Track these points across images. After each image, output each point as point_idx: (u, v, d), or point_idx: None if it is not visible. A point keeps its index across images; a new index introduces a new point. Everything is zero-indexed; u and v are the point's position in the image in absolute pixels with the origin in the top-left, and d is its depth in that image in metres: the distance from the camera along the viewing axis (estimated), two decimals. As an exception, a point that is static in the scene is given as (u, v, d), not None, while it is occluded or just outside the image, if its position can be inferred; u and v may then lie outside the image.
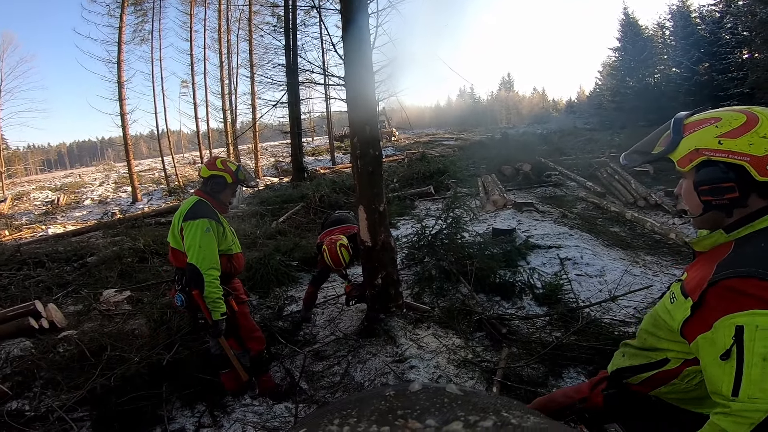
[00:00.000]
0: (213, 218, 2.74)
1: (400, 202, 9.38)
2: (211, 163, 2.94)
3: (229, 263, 2.88)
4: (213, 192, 2.89)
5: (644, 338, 1.17)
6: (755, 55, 17.27)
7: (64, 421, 2.73)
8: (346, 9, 3.30)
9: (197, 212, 2.71)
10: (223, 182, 2.89)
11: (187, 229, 2.66)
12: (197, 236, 2.63)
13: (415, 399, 0.70)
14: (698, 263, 1.07)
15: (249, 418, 2.81)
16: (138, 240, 7.13)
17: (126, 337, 3.64)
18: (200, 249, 2.62)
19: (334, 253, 3.72)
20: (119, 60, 17.58)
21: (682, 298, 1.00)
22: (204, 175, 2.91)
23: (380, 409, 0.68)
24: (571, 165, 12.54)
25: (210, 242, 2.66)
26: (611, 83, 31.47)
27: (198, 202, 2.81)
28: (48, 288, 5.68)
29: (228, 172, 2.89)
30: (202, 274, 2.60)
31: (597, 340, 3.11)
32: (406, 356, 3.14)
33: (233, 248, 2.93)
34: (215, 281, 2.65)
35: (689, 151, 1.02)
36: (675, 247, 5.78)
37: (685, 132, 1.05)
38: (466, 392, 0.75)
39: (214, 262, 2.66)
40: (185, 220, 2.69)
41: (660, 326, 1.10)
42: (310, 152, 28.57)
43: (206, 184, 2.90)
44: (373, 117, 3.47)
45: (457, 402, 0.68)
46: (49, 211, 17.38)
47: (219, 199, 2.91)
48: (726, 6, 19.71)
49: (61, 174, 36.13)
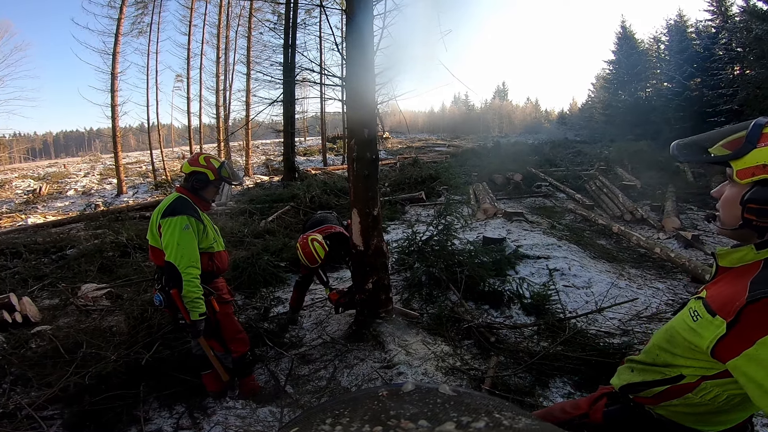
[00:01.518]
0: (193, 215, 2.68)
1: (391, 207, 9.36)
2: (194, 159, 2.86)
3: (210, 262, 2.81)
4: (194, 189, 2.82)
5: (656, 354, 1.14)
6: (747, 71, 17.58)
7: (33, 419, 2.62)
8: (350, 9, 3.27)
9: (176, 209, 2.64)
10: (205, 179, 2.82)
11: (165, 227, 2.59)
12: (175, 234, 2.57)
13: (408, 399, 0.69)
14: (722, 280, 1.04)
15: (231, 421, 2.73)
16: (121, 234, 6.96)
17: (103, 334, 3.50)
18: (178, 247, 2.55)
19: (306, 248, 3.59)
20: (115, 51, 17.38)
21: (708, 316, 0.97)
22: (186, 171, 2.84)
23: (373, 409, 0.67)
24: (560, 177, 12.67)
25: (189, 240, 2.60)
26: (603, 96, 32.09)
27: (178, 198, 2.74)
28: (24, 280, 5.50)
29: (210, 169, 2.82)
30: (180, 272, 2.53)
31: (583, 351, 3.11)
32: (395, 362, 3.11)
33: (215, 246, 2.86)
34: (194, 280, 2.57)
35: (756, 165, 0.94)
36: (659, 261, 5.85)
37: (760, 142, 0.95)
38: (459, 393, 0.74)
39: (193, 261, 2.60)
40: (163, 217, 2.62)
41: (677, 344, 1.07)
42: (302, 152, 28.51)
43: (188, 180, 2.83)
44: (372, 119, 3.43)
45: (450, 402, 0.68)
46: (30, 201, 16.98)
47: (201, 195, 2.85)
48: (723, 21, 20.12)
49: (45, 163, 35.41)
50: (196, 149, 22.38)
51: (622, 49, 28.40)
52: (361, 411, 0.66)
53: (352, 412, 0.66)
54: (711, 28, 21.77)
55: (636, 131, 23.11)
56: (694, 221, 8.01)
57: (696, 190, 10.36)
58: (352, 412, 0.66)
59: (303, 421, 0.70)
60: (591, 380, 2.90)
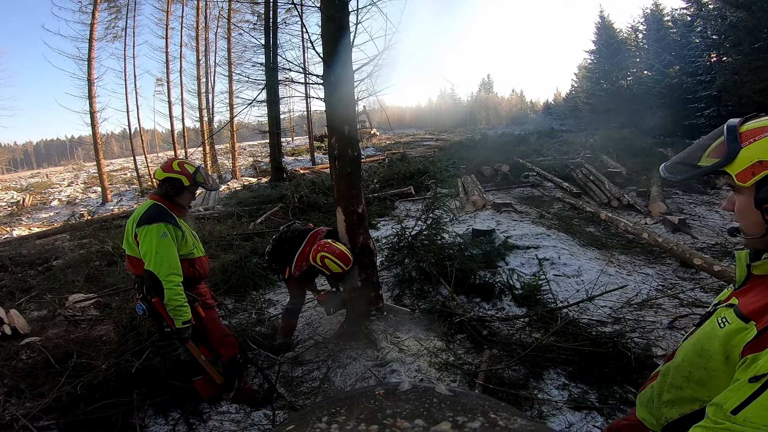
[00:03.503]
0: (170, 222, 2.62)
1: (380, 203, 9.35)
2: (167, 165, 2.79)
3: (191, 268, 2.76)
4: (168, 195, 2.76)
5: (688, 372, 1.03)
6: (724, 58, 17.87)
7: (29, 429, 2.59)
8: (326, 6, 3.24)
9: (151, 217, 2.58)
10: (179, 185, 2.75)
11: (142, 235, 2.53)
12: (153, 242, 2.51)
13: (405, 399, 0.70)
14: (756, 288, 0.97)
15: (226, 426, 2.72)
16: (107, 242, 6.86)
17: (93, 344, 3.46)
18: (157, 255, 2.49)
19: (338, 252, 3.28)
20: (90, 57, 17.05)
21: (740, 322, 0.90)
22: (159, 178, 2.77)
23: (369, 407, 0.67)
24: (548, 166, 12.77)
25: (167, 247, 2.54)
26: (586, 85, 32.42)
27: (152, 206, 2.66)
28: (11, 293, 5.43)
29: (185, 175, 2.75)
30: (161, 281, 2.48)
31: (576, 341, 3.14)
32: (387, 360, 3.11)
33: (195, 252, 2.81)
34: (176, 287, 2.52)
35: (751, 164, 0.90)
36: (647, 246, 5.94)
37: (743, 141, 0.91)
38: (456, 393, 0.75)
39: (174, 268, 2.54)
40: (139, 226, 2.56)
41: (709, 356, 0.98)
42: (290, 152, 28.32)
43: (161, 186, 2.77)
44: (351, 117, 3.42)
45: (446, 402, 0.68)
46: (14, 213, 16.67)
47: (176, 202, 2.77)
48: (697, 9, 20.37)
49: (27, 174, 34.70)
50: (181, 153, 22.08)
51: (602, 39, 28.64)
52: (357, 410, 0.66)
53: (348, 411, 0.66)
54: (686, 16, 22.04)
55: (619, 119, 23.40)
56: (680, 205, 8.14)
57: (680, 174, 10.52)
58: (348, 410, 0.67)
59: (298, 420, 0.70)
60: (585, 371, 2.93)
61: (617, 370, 2.86)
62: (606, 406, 2.63)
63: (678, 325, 3.63)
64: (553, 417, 2.57)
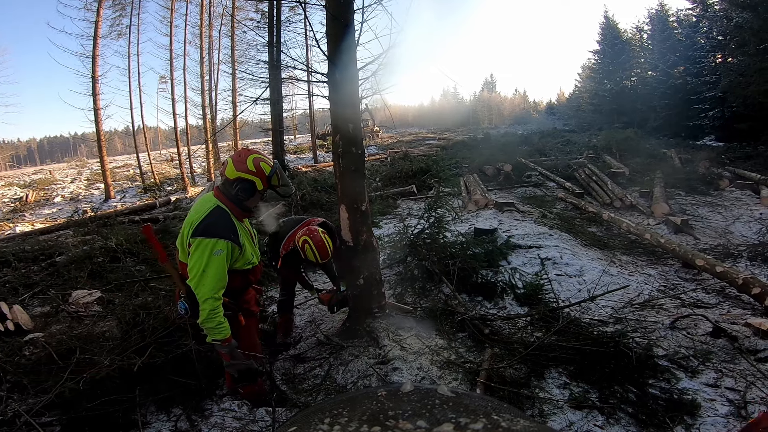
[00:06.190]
0: (229, 238, 2.32)
1: (382, 201, 9.35)
2: (241, 162, 2.41)
3: (244, 279, 2.56)
4: (237, 199, 2.43)
5: None
6: (729, 59, 17.81)
7: (31, 426, 2.60)
8: (331, 4, 3.24)
9: (209, 229, 2.28)
10: (251, 188, 2.42)
11: (195, 247, 2.27)
12: (204, 258, 2.24)
13: (407, 400, 0.69)
14: None
15: (228, 422, 2.72)
16: (110, 239, 6.87)
17: (96, 340, 3.48)
18: (204, 274, 2.23)
19: (319, 241, 3.32)
20: (94, 54, 17.15)
21: None
22: (230, 177, 2.41)
23: (371, 409, 0.67)
24: (550, 166, 12.75)
25: (217, 267, 2.27)
26: (590, 85, 32.36)
27: (215, 210, 2.35)
28: (14, 289, 5.43)
29: (260, 177, 2.41)
30: (198, 302, 2.27)
31: (577, 340, 3.13)
32: (389, 358, 3.10)
33: (253, 260, 2.55)
34: (212, 312, 2.27)
35: None
36: (649, 247, 5.93)
37: None
38: (458, 394, 0.74)
39: (215, 290, 2.27)
40: (194, 236, 2.28)
41: None
42: (293, 150, 28.37)
43: (231, 186, 2.41)
44: (356, 115, 3.42)
45: (448, 404, 0.68)
46: (17, 209, 16.74)
47: (243, 206, 2.46)
48: (702, 10, 20.33)
49: (30, 170, 34.83)
50: (184, 151, 22.11)
51: (607, 39, 28.60)
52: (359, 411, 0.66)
53: (350, 412, 0.66)
54: (692, 17, 22.01)
55: (623, 119, 23.40)
56: (683, 206, 8.11)
57: (683, 175, 10.50)
58: (350, 411, 0.66)
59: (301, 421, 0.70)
60: (586, 370, 2.93)
61: (618, 369, 2.86)
62: (607, 405, 2.63)
63: (679, 326, 3.62)
64: (554, 416, 2.57)
